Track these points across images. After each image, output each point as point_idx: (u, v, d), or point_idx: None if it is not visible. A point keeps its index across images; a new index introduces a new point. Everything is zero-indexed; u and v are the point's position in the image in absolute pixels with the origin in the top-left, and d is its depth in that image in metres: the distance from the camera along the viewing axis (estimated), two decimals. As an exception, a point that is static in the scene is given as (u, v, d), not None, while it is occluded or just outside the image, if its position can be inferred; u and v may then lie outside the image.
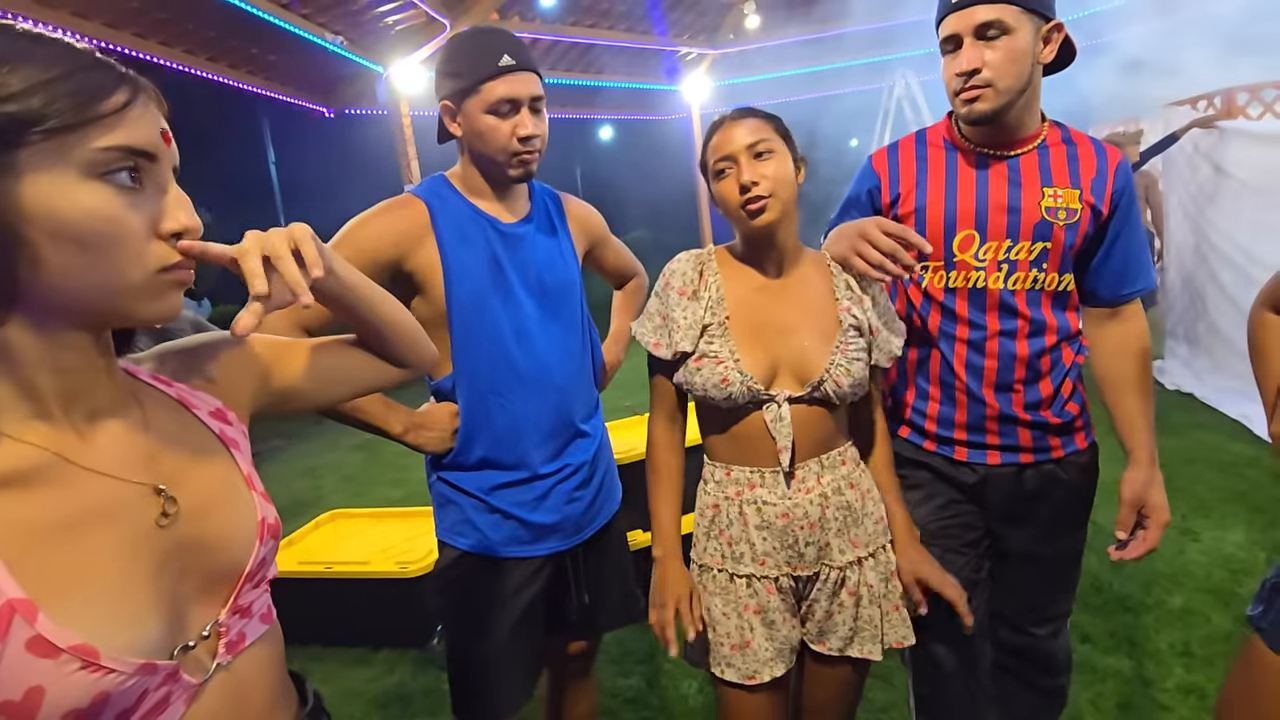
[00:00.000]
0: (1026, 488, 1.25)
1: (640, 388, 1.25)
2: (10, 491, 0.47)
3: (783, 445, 1.06)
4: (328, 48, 5.60)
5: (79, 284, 0.48)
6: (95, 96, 0.48)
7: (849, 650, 1.12)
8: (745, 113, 1.09)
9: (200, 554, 0.56)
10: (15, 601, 0.44)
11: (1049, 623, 1.34)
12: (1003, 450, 1.24)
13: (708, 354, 1.07)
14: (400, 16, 5.99)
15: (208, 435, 0.61)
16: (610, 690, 2.07)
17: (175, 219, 0.52)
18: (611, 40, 7.42)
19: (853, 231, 1.09)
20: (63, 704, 0.45)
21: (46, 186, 0.46)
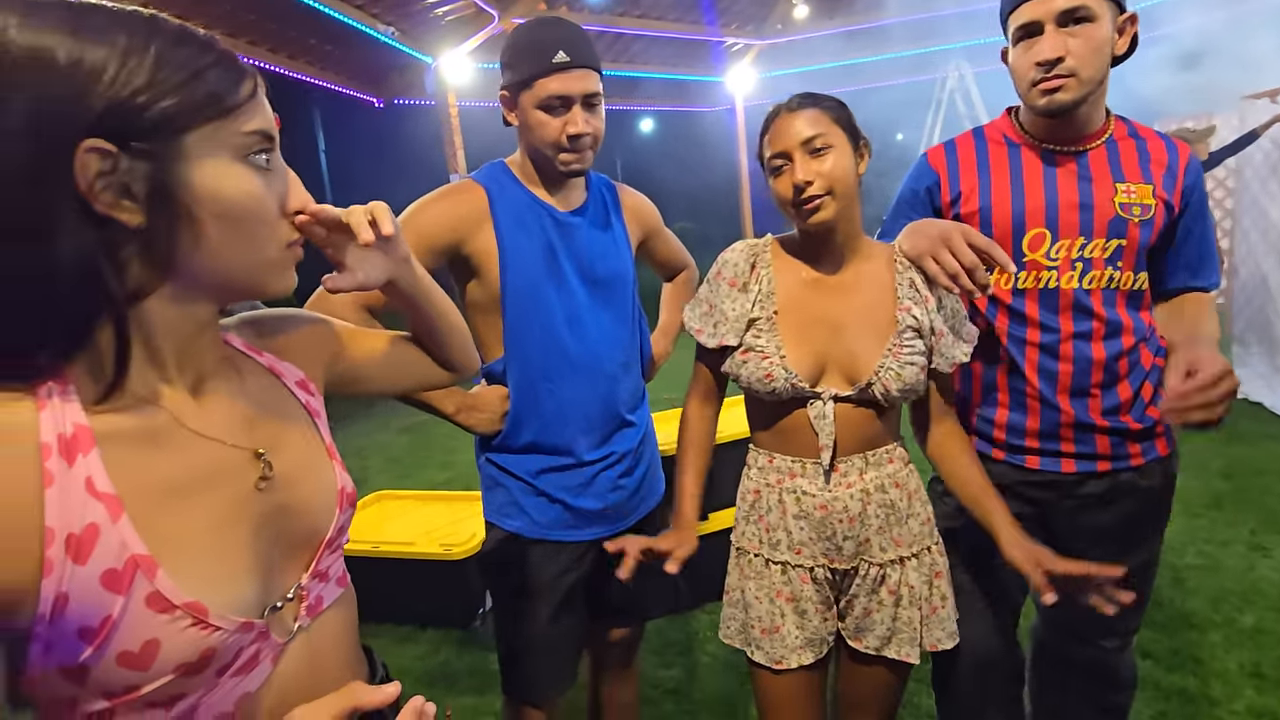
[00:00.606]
0: (1102, 496, 1.21)
1: (682, 382, 1.26)
2: (140, 450, 0.50)
3: (824, 443, 1.05)
4: (380, 39, 5.70)
5: (230, 259, 0.52)
6: (236, 84, 0.51)
7: (886, 650, 1.11)
8: (802, 103, 1.06)
9: (288, 518, 0.58)
10: (138, 558, 0.47)
11: (1118, 636, 1.29)
12: (1078, 458, 1.20)
13: (754, 348, 1.07)
14: (450, 8, 6.06)
15: (295, 404, 0.64)
16: (652, 680, 2.08)
17: (299, 197, 0.57)
18: (658, 31, 7.38)
19: (935, 234, 1.06)
20: (174, 657, 0.47)
21: (211, 169, 0.50)
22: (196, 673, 0.49)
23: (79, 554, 0.44)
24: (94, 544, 0.45)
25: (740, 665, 2.11)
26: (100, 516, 0.46)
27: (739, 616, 1.14)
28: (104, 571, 0.45)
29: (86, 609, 0.44)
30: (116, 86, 0.45)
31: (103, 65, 0.45)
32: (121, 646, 0.46)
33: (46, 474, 0.44)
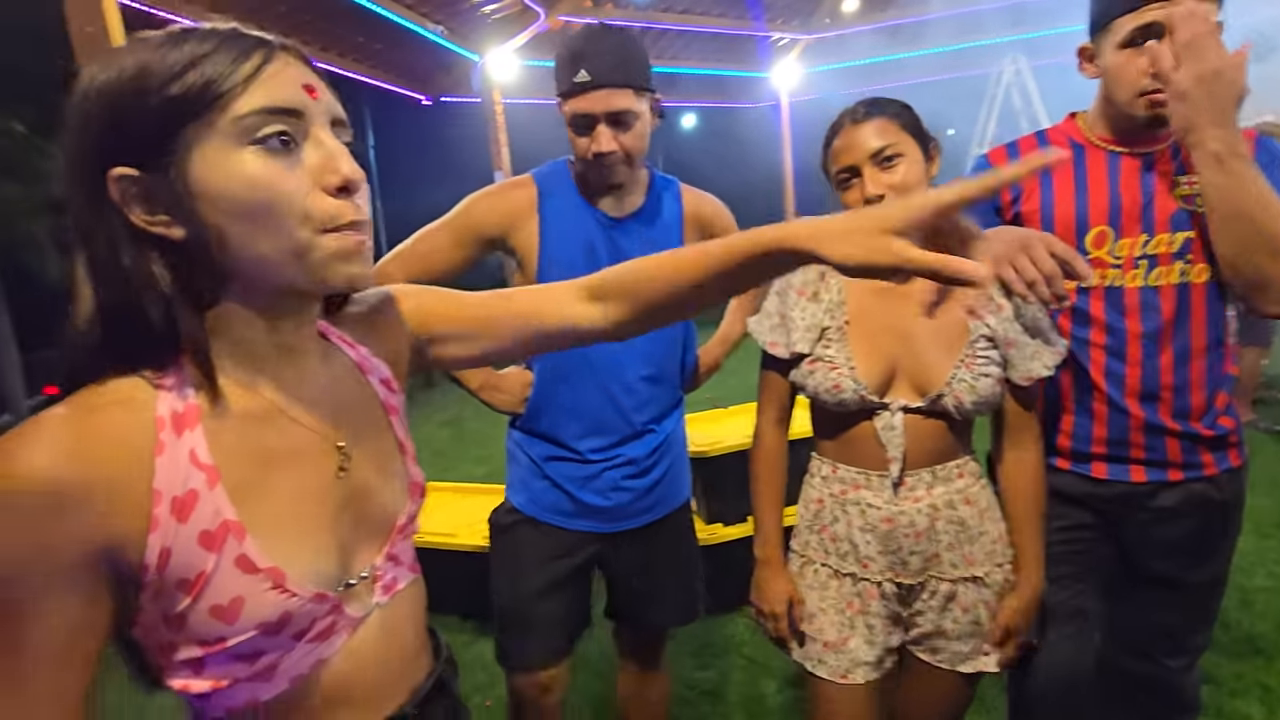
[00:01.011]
0: (1174, 507, 1.15)
1: (723, 380, 1.26)
2: (238, 429, 0.54)
3: (892, 455, 1.03)
4: (428, 37, 5.79)
5: (258, 253, 0.51)
6: (230, 67, 0.49)
7: (962, 665, 1.08)
8: (868, 112, 1.02)
9: (364, 505, 0.61)
10: (229, 523, 0.51)
11: (1184, 655, 1.25)
12: (1148, 466, 1.15)
13: (823, 358, 1.05)
14: (497, 6, 6.11)
15: (375, 402, 0.66)
16: (688, 682, 2.07)
17: (336, 171, 0.51)
18: (702, 27, 7.32)
19: (1013, 240, 1.02)
20: (255, 616, 0.52)
21: (209, 163, 0.49)
22: (274, 633, 0.53)
23: (181, 514, 0.50)
24: (194, 507, 0.50)
25: (777, 669, 2.09)
26: (200, 484, 0.51)
27: (804, 629, 1.11)
28: (201, 532, 0.50)
29: (185, 563, 0.50)
30: (116, 113, 0.49)
31: (111, 98, 0.49)
32: (213, 600, 0.51)
33: (159, 443, 0.50)
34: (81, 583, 0.47)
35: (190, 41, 0.50)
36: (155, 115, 0.48)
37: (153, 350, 0.52)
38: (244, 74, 0.49)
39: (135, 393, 0.51)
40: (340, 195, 0.52)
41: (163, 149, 0.49)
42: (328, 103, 0.54)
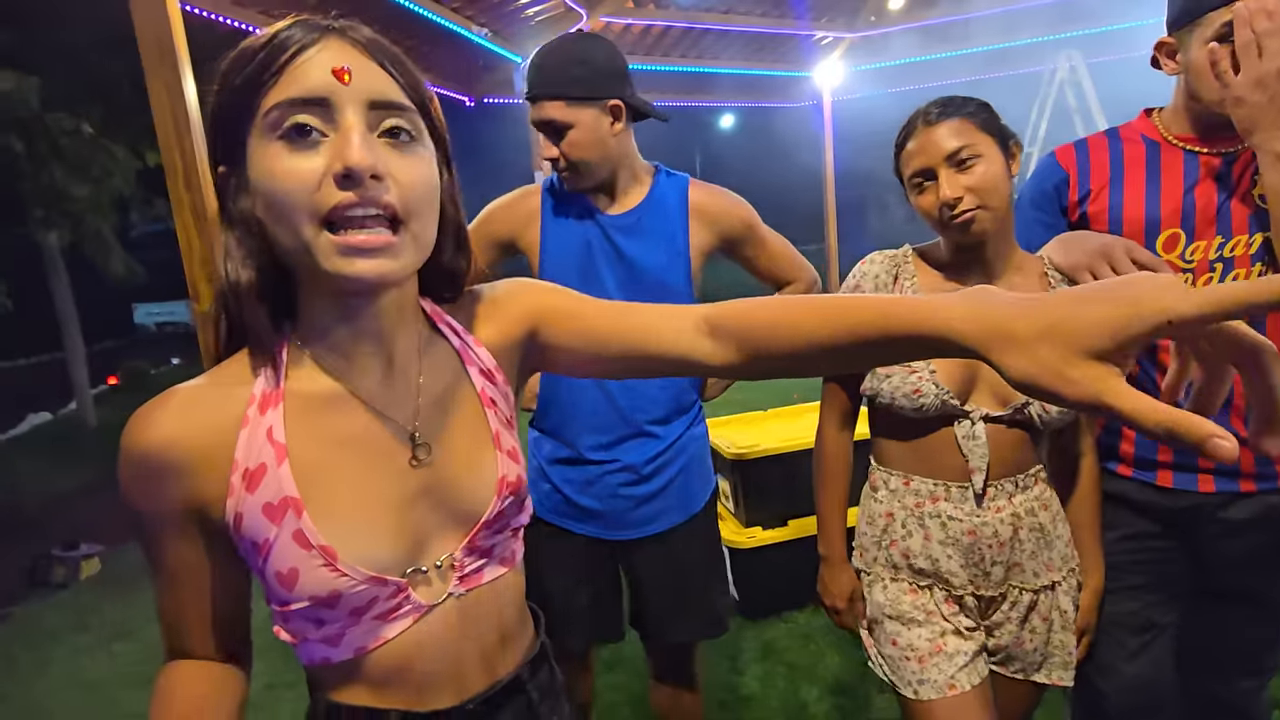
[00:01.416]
0: (1246, 520, 1.10)
1: (757, 384, 1.25)
2: (314, 413, 0.57)
3: (976, 465, 0.99)
4: (473, 39, 5.88)
5: (283, 246, 0.52)
6: (271, 60, 0.50)
7: (1036, 675, 1.06)
8: (942, 113, 0.98)
9: (443, 496, 0.61)
10: (290, 499, 0.55)
11: (1256, 675, 1.20)
12: (1218, 475, 1.10)
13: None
14: (540, 8, 6.17)
15: (471, 393, 0.64)
16: (727, 686, 2.06)
17: (339, 157, 0.49)
18: (746, 26, 7.26)
19: (1095, 247, 0.99)
20: (308, 588, 0.55)
21: (252, 159, 0.52)
22: (329, 606, 0.56)
23: (250, 485, 0.55)
24: (261, 479, 0.55)
25: (819, 675, 2.06)
26: (269, 459, 0.55)
27: (887, 651, 1.09)
28: (264, 503, 0.55)
29: (254, 529, 0.55)
30: (211, 115, 0.54)
31: (213, 101, 0.54)
32: (276, 566, 0.55)
33: (245, 418, 0.55)
34: (184, 527, 0.56)
35: (261, 39, 0.52)
36: (225, 115, 0.53)
37: (245, 331, 0.57)
38: (275, 67, 0.50)
39: (243, 374, 0.57)
40: (344, 184, 0.49)
41: (235, 147, 0.53)
42: (367, 84, 0.51)
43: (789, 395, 5.41)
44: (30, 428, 7.26)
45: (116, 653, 2.71)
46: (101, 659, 2.68)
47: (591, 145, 1.21)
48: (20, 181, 5.79)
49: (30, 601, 3.28)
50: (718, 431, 2.61)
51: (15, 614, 3.17)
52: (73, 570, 3.43)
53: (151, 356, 10.27)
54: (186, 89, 2.68)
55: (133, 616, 2.98)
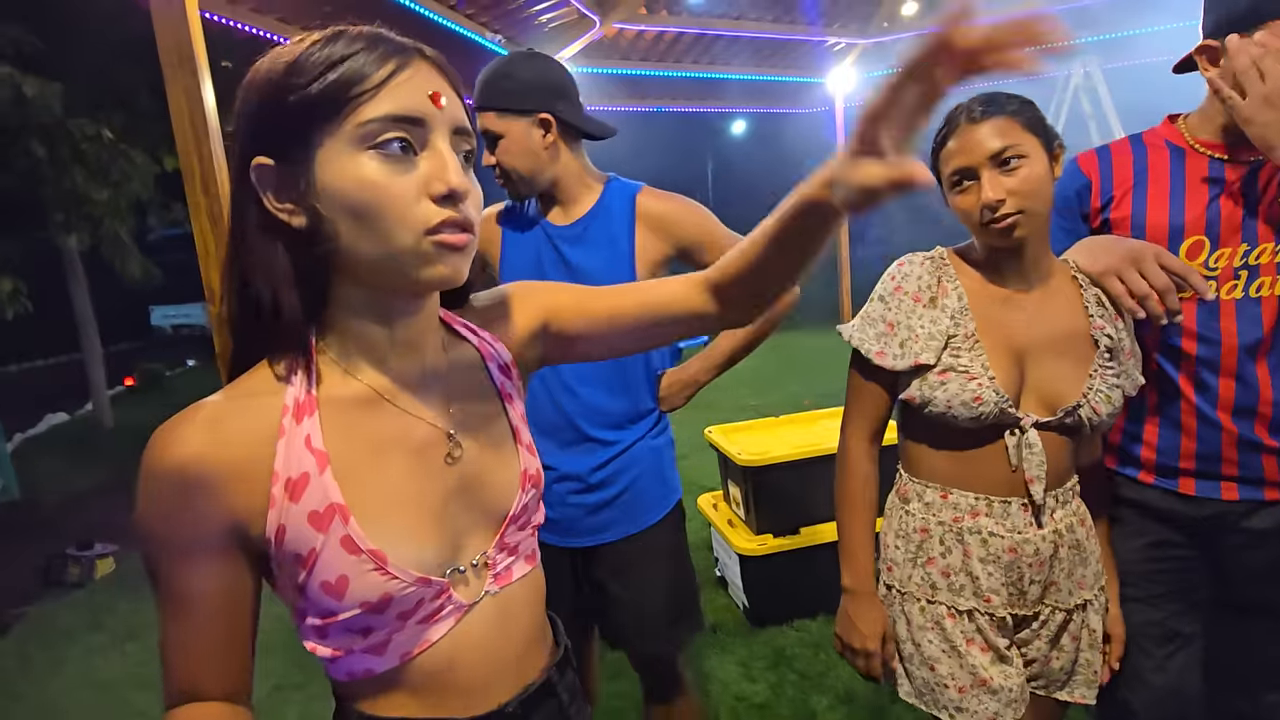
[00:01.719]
0: (1271, 529, 1.09)
1: (765, 391, 1.22)
2: (351, 418, 0.57)
3: (1034, 475, 0.95)
4: (487, 46, 5.91)
5: (366, 251, 0.53)
6: (364, 72, 0.52)
7: (1059, 693, 1.03)
8: (986, 110, 0.94)
9: (475, 494, 0.63)
10: (336, 505, 0.55)
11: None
12: (1242, 483, 1.08)
13: (955, 368, 0.97)
14: (554, 15, 6.20)
15: (491, 390, 0.68)
16: (737, 694, 2.05)
17: (443, 180, 0.53)
18: (758, 32, 7.27)
19: (1123, 252, 0.98)
20: (359, 594, 0.55)
21: (331, 162, 0.52)
22: (378, 612, 0.56)
23: (294, 495, 0.54)
24: (305, 489, 0.54)
25: (829, 685, 2.05)
26: (311, 467, 0.54)
27: (921, 675, 1.03)
28: (310, 512, 0.54)
29: (298, 540, 0.54)
30: (265, 106, 0.53)
31: (264, 91, 0.53)
32: (322, 576, 0.55)
33: (281, 428, 0.55)
34: (219, 548, 0.54)
35: (339, 43, 0.53)
36: (294, 113, 0.52)
37: (272, 334, 0.56)
38: (375, 80, 0.52)
39: (269, 384, 0.56)
40: (444, 204, 0.53)
41: (297, 144, 0.52)
42: (452, 112, 0.55)
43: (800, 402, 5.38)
44: (48, 428, 7.36)
45: (129, 653, 2.73)
46: (115, 659, 2.70)
47: (520, 155, 1.27)
48: (42, 186, 5.88)
49: (45, 600, 3.31)
50: (729, 438, 2.60)
51: (30, 613, 3.20)
52: (88, 570, 3.46)
53: (167, 358, 10.38)
54: (205, 95, 2.71)
55: (146, 617, 3.00)
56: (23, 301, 5.72)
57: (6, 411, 5.74)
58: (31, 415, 7.43)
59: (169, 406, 0.59)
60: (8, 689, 2.58)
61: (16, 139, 5.53)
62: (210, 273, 2.48)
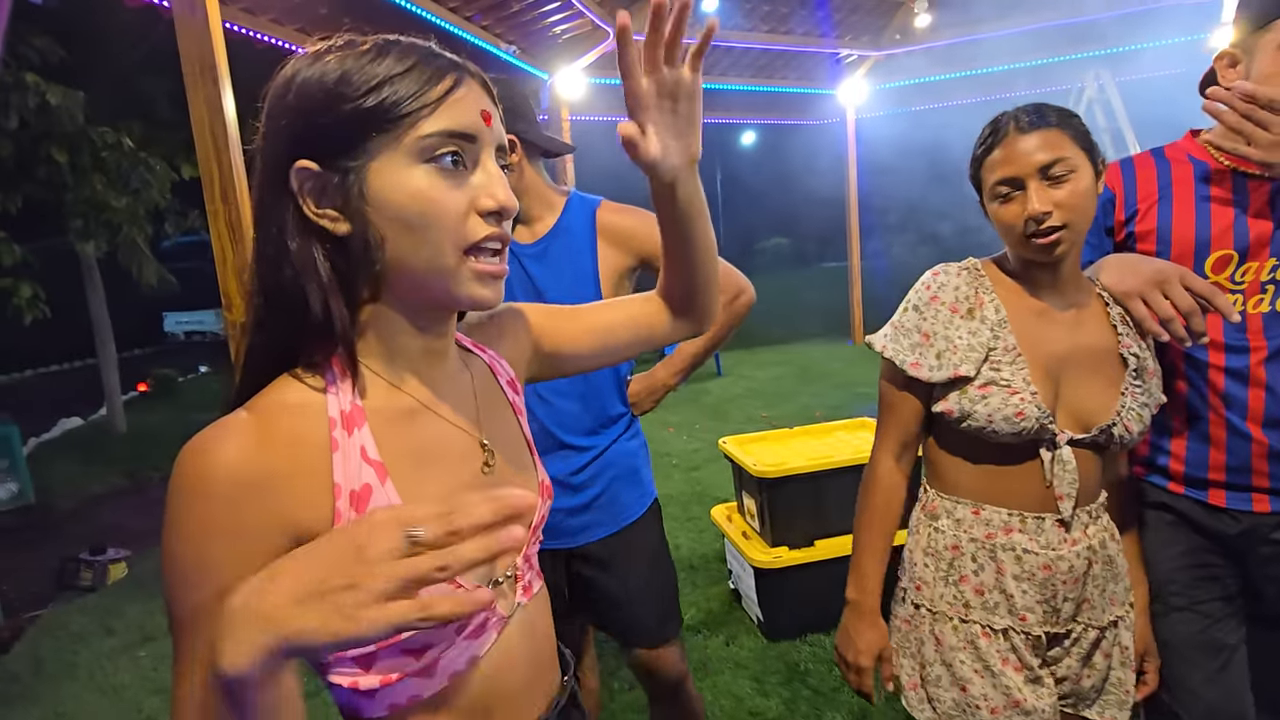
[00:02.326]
0: None
1: (777, 403, 1.21)
2: (396, 427, 0.56)
3: (1064, 492, 0.94)
4: (502, 57, 5.97)
5: (412, 264, 0.53)
6: (423, 88, 0.52)
7: (1088, 711, 1.01)
8: (1035, 121, 0.91)
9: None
10: None
11: None
12: (1274, 495, 1.06)
13: (997, 382, 0.94)
14: (567, 26, 6.25)
15: (506, 403, 0.68)
16: (750, 707, 2.03)
17: (492, 196, 0.54)
18: (770, 44, 7.30)
19: (1149, 273, 0.97)
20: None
21: (386, 173, 0.52)
22: (442, 624, 0.52)
23: (358, 507, 0.52)
24: (368, 500, 0.52)
25: (842, 701, 2.02)
26: (372, 479, 0.53)
27: (951, 696, 1.00)
28: None
29: None
30: (313, 112, 0.52)
31: (312, 96, 0.52)
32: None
33: (333, 441, 0.52)
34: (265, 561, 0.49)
35: (390, 56, 0.52)
36: (348, 121, 0.51)
37: (308, 341, 0.54)
38: (434, 96, 0.52)
39: (306, 397, 0.54)
40: (490, 220, 0.55)
41: (347, 152, 0.52)
42: (497, 130, 0.57)
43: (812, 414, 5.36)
44: (62, 432, 7.42)
45: (141, 657, 2.74)
46: (126, 663, 2.71)
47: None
48: (63, 192, 5.96)
49: (58, 604, 3.32)
50: (743, 449, 2.59)
51: (44, 616, 3.21)
52: (100, 574, 3.47)
53: (180, 364, 10.45)
54: (226, 104, 2.75)
55: (158, 621, 3.00)
56: (40, 307, 5.78)
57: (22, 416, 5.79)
58: (46, 420, 7.50)
59: (182, 411, 0.56)
60: (21, 692, 2.59)
61: (39, 146, 5.61)
62: (228, 279, 2.50)
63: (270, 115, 0.54)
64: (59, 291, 6.14)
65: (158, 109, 7.02)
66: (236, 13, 4.49)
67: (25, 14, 4.59)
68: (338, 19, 5.03)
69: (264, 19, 4.68)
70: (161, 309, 16.19)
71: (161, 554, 0.49)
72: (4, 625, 3.13)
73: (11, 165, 5.61)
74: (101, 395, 7.12)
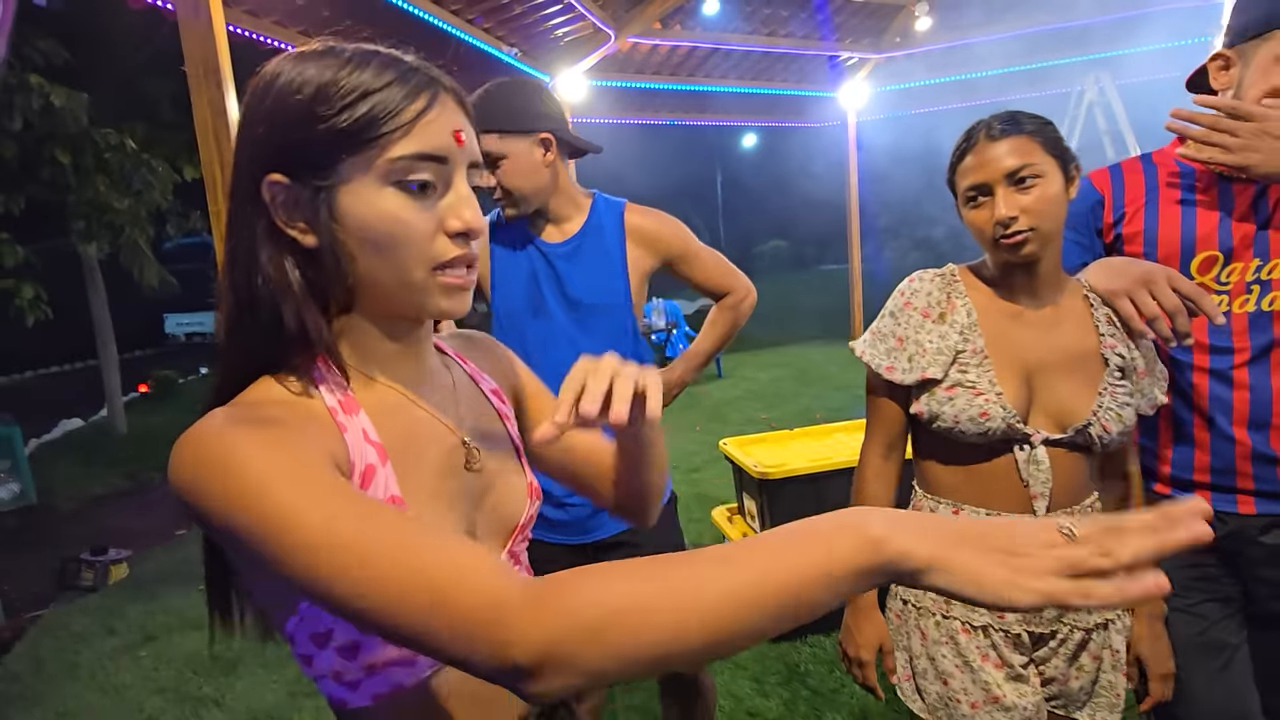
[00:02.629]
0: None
1: (779, 405, 1.22)
2: (385, 416, 0.57)
3: (1038, 492, 0.96)
4: (504, 60, 5.99)
5: (380, 278, 0.54)
6: (397, 107, 0.52)
7: (1078, 714, 1.02)
8: (1005, 129, 0.95)
9: (490, 502, 0.64)
10: (395, 498, 0.54)
11: None
12: (1259, 497, 1.07)
13: (963, 383, 0.98)
14: (569, 29, 6.27)
15: (490, 407, 0.69)
16: (749, 708, 2.03)
17: (460, 218, 0.55)
18: (771, 47, 7.32)
19: (1136, 274, 0.99)
20: None
21: (355, 195, 0.52)
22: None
23: (365, 485, 0.53)
24: (373, 480, 0.54)
25: (842, 701, 2.02)
26: (374, 459, 0.54)
27: (935, 689, 1.03)
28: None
29: None
30: (287, 127, 0.52)
31: (286, 111, 0.52)
32: None
33: (340, 425, 0.53)
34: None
35: (369, 70, 0.52)
36: (320, 141, 0.51)
37: (282, 347, 0.54)
38: (407, 118, 0.52)
39: (293, 392, 0.54)
40: (458, 241, 0.55)
41: (319, 172, 0.52)
42: (470, 148, 0.56)
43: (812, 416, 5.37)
44: (63, 433, 7.43)
45: (142, 657, 2.74)
46: (127, 663, 2.71)
47: (523, 174, 1.31)
48: (66, 194, 5.98)
49: (59, 604, 3.33)
50: (744, 451, 2.60)
51: (45, 617, 3.22)
52: (101, 574, 3.48)
53: (180, 365, 10.46)
54: (229, 106, 2.77)
55: (159, 621, 3.01)
56: (42, 308, 5.80)
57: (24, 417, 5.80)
58: (48, 421, 7.51)
59: (182, 413, 0.57)
60: (22, 692, 2.59)
61: (43, 147, 5.63)
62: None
63: (247, 121, 0.54)
64: (61, 293, 6.15)
65: (161, 111, 7.03)
66: (240, 15, 4.51)
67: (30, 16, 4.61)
68: (340, 21, 5.05)
69: (267, 21, 4.70)
70: (163, 310, 16.21)
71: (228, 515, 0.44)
72: (5, 625, 3.14)
73: (15, 166, 5.62)
74: (103, 396, 7.13)
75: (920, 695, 1.06)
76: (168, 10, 3.59)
